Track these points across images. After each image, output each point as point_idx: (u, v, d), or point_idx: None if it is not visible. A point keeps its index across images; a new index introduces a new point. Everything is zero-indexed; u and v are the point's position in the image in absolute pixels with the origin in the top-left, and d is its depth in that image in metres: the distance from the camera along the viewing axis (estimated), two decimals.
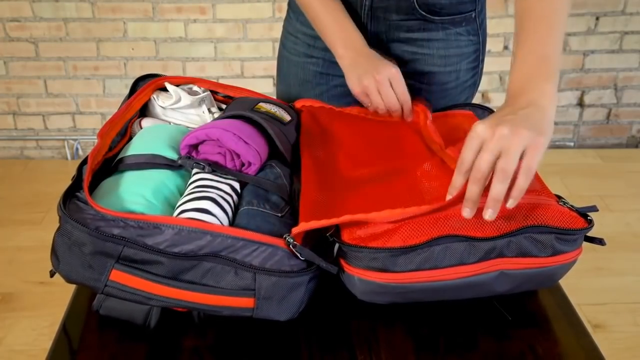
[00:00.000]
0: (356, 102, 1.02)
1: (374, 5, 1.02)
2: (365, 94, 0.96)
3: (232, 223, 0.72)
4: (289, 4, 1.15)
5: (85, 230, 0.64)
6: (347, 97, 1.00)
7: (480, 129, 0.67)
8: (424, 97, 1.05)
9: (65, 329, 0.73)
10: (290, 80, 1.15)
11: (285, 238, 0.68)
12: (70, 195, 0.69)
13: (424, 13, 1.01)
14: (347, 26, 0.99)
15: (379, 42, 1.05)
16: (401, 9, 1.01)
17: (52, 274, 0.69)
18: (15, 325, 1.81)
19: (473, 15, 1.05)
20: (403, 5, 1.01)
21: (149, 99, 0.92)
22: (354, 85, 0.96)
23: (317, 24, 1.02)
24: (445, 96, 1.09)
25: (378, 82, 0.93)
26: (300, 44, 1.12)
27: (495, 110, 0.97)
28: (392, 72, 0.94)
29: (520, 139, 0.65)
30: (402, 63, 1.06)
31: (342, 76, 1.02)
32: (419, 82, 1.07)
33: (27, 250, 2.13)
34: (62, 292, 0.85)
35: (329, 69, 1.11)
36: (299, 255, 0.67)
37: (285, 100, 1.08)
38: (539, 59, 0.76)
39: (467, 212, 0.67)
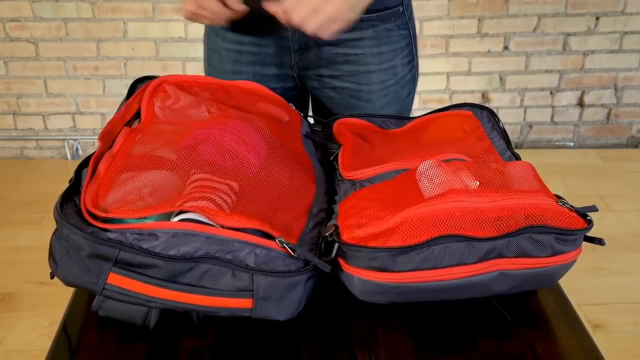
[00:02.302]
0: None
1: None
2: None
3: None
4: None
5: (81, 234, 0.64)
6: None
7: None
8: (364, 98, 1.05)
9: (65, 329, 0.73)
10: None
11: (275, 239, 0.68)
12: (67, 199, 0.69)
13: None
14: None
15: (309, 48, 1.04)
16: None
17: (52, 276, 0.69)
18: (15, 325, 1.81)
19: (401, 10, 1.05)
20: None
21: None
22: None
23: None
24: (388, 94, 1.09)
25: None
26: (226, 61, 1.10)
27: (495, 110, 0.97)
28: None
29: None
30: (336, 65, 1.06)
31: (275, 88, 1.00)
32: (357, 84, 1.06)
33: (27, 250, 2.13)
34: (62, 292, 0.85)
35: (261, 82, 1.06)
36: (292, 253, 0.67)
37: None
38: None
39: None
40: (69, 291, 0.77)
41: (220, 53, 1.11)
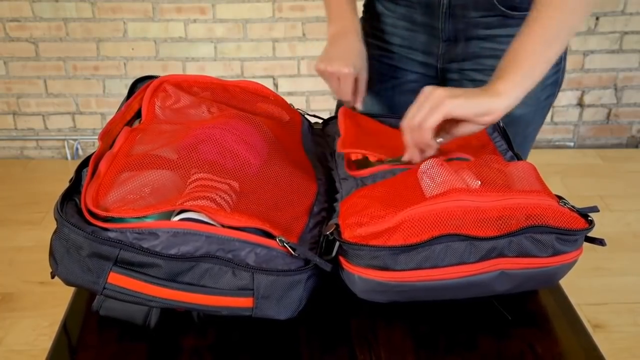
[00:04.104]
0: None
1: (452, 3, 1.02)
2: (322, 72, 1.00)
3: None
4: (365, 5, 1.18)
5: (81, 233, 0.64)
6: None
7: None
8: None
9: (65, 329, 0.73)
10: None
11: (276, 238, 0.68)
12: (67, 199, 0.69)
13: (503, 9, 1.01)
14: (346, 11, 1.04)
15: (457, 40, 1.06)
16: (480, 5, 1.01)
17: (52, 276, 0.69)
18: (15, 325, 1.81)
19: None
20: (482, 2, 1.01)
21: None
22: (316, 62, 1.01)
23: (325, 4, 1.08)
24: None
25: (329, 73, 0.98)
26: (377, 39, 1.14)
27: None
28: (342, 73, 0.97)
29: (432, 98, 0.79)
30: (481, 60, 1.07)
31: (417, 72, 1.07)
32: None
33: (27, 250, 2.13)
34: (62, 292, 0.86)
35: (405, 64, 1.13)
36: (292, 252, 0.67)
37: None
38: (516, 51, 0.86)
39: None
40: (69, 291, 0.77)
41: (372, 32, 1.15)
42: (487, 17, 1.02)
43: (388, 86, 1.15)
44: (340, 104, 1.10)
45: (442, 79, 1.15)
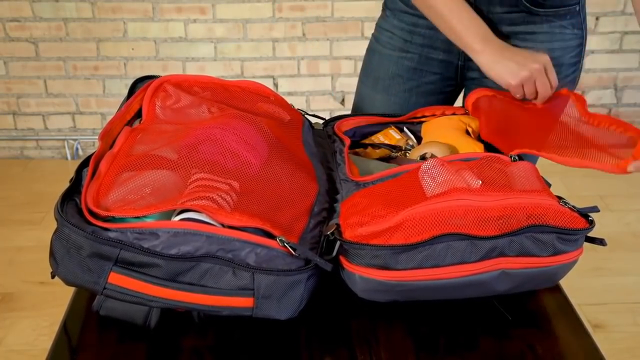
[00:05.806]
0: (443, 102, 1.08)
1: None
2: (521, 85, 0.95)
3: None
4: (385, 4, 1.17)
5: (82, 233, 0.64)
6: (436, 95, 1.00)
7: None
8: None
9: (65, 329, 0.73)
10: (380, 74, 1.16)
11: (277, 239, 0.68)
12: (67, 198, 0.69)
13: (528, 5, 1.02)
14: (479, 22, 1.00)
15: None
16: (505, 1, 1.02)
17: (53, 276, 0.69)
18: (15, 325, 1.81)
19: (577, 9, 1.05)
20: None
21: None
22: (510, 77, 0.95)
23: (444, 23, 1.01)
24: None
25: (536, 71, 0.93)
26: (397, 39, 1.14)
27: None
28: (546, 59, 0.95)
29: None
30: None
31: (435, 73, 1.07)
32: None
33: (27, 250, 2.13)
34: (62, 292, 0.86)
35: (424, 65, 1.13)
36: (293, 251, 0.67)
37: (370, 93, 1.12)
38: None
39: None
40: (69, 291, 0.77)
41: (392, 32, 1.14)
42: (512, 14, 1.03)
43: (405, 88, 1.15)
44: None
45: (461, 78, 1.15)
